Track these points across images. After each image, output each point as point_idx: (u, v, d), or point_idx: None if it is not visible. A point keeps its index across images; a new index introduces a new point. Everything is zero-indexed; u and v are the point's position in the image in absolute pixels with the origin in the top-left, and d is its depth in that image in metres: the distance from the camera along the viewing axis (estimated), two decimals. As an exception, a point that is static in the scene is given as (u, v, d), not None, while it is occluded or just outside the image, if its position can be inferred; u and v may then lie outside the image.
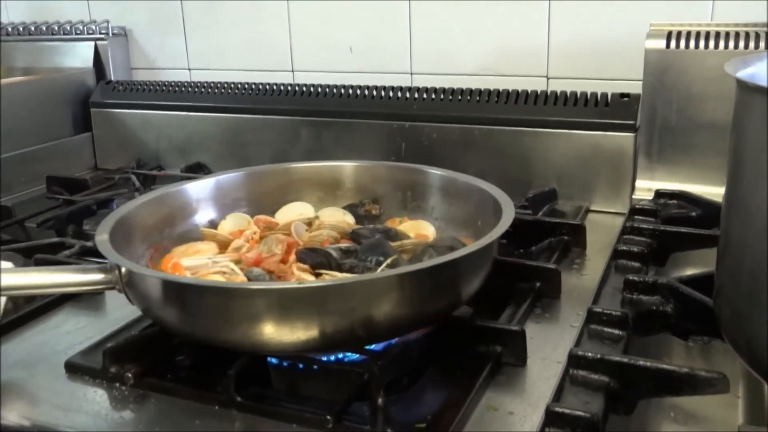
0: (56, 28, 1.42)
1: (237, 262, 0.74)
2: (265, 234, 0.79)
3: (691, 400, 0.61)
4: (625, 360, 0.55)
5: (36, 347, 0.74)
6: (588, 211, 1.06)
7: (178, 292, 0.60)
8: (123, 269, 0.62)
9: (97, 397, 0.65)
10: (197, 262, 0.74)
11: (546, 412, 0.51)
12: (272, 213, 0.86)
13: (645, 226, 0.83)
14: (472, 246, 0.63)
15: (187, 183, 0.84)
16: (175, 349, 0.69)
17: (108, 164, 1.38)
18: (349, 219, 0.84)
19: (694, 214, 0.90)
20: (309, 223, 0.81)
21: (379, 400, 0.57)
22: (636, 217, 0.90)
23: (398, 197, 0.87)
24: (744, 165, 0.50)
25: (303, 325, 0.58)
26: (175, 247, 0.78)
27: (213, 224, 0.85)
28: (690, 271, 0.75)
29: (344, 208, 0.86)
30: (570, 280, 0.84)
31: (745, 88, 0.49)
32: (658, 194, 0.97)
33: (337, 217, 0.83)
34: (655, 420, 0.59)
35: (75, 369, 0.68)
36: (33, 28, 1.44)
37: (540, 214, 1.00)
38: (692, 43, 0.96)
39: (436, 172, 0.85)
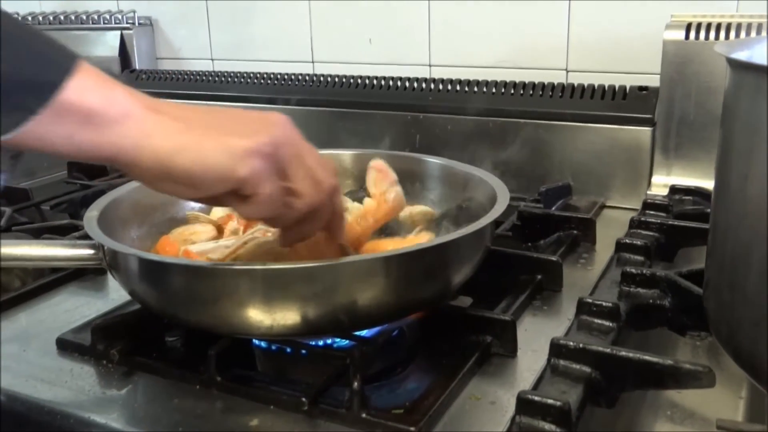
0: (85, 17, 1.44)
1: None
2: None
3: (691, 399, 0.59)
4: (607, 350, 0.53)
5: (33, 324, 0.75)
6: (603, 206, 1.03)
7: (153, 270, 0.60)
8: (106, 247, 0.62)
9: (83, 373, 0.65)
10: (206, 247, 0.73)
11: (517, 399, 0.50)
12: None
13: (653, 220, 0.81)
14: (458, 232, 0.62)
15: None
16: (165, 329, 0.69)
17: (130, 152, 1.40)
18: (350, 205, 0.82)
19: (708, 210, 0.87)
20: None
21: (355, 384, 0.56)
22: (647, 211, 0.87)
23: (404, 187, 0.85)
24: (732, 149, 0.47)
25: (273, 308, 0.57)
26: (172, 229, 0.78)
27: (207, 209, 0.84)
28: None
29: (345, 195, 0.85)
30: (575, 273, 0.82)
31: (737, 66, 0.47)
32: (674, 190, 0.94)
33: None
34: (651, 418, 0.57)
35: (66, 345, 0.69)
36: (63, 18, 1.46)
37: (553, 208, 0.98)
38: (712, 35, 0.93)
39: (434, 161, 0.83)
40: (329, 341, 0.66)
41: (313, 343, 0.66)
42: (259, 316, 0.57)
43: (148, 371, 0.64)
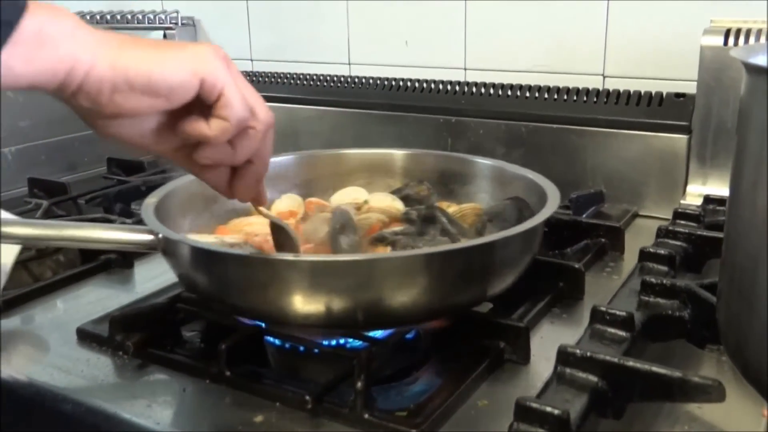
0: (130, 17, 1.47)
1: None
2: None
3: (712, 414, 0.57)
4: (615, 360, 0.52)
5: (57, 313, 0.77)
6: (636, 215, 1.01)
7: (198, 258, 0.62)
8: (160, 235, 0.64)
9: (99, 363, 0.66)
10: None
11: (515, 406, 0.49)
12: (323, 196, 0.87)
13: (681, 230, 0.79)
14: (502, 233, 0.61)
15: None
16: (182, 323, 0.70)
17: (169, 150, 1.43)
18: (398, 204, 0.83)
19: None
20: (358, 208, 0.81)
21: (359, 384, 0.56)
22: (678, 221, 0.85)
23: (446, 187, 0.86)
24: (745, 156, 0.46)
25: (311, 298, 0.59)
26: (231, 219, 0.81)
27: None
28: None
29: (392, 192, 0.86)
30: (599, 282, 0.80)
31: (752, 70, 0.46)
32: (708, 200, 0.91)
33: (386, 203, 0.82)
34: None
35: (85, 336, 0.70)
36: (109, 17, 1.50)
37: (584, 216, 0.96)
38: (752, 41, 0.90)
39: (485, 162, 0.84)
40: (342, 341, 0.66)
41: (326, 342, 0.66)
42: (298, 305, 0.59)
43: (162, 364, 0.65)
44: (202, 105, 0.54)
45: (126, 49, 0.51)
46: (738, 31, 0.91)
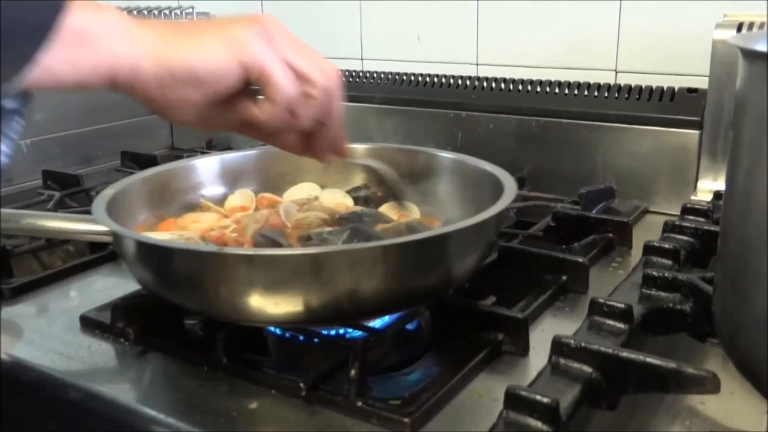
0: (146, 12, 1.48)
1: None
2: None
3: (715, 410, 0.57)
4: (608, 351, 0.51)
5: (63, 300, 0.78)
6: (646, 211, 1.00)
7: (140, 249, 0.61)
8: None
9: (100, 349, 0.67)
10: (166, 237, 0.73)
11: (505, 394, 0.48)
12: (280, 192, 0.85)
13: (687, 224, 0.78)
14: (459, 224, 0.60)
15: (203, 158, 0.85)
16: (184, 312, 0.70)
17: (183, 144, 1.43)
18: (348, 202, 0.81)
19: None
20: (302, 205, 0.79)
21: (353, 372, 0.56)
22: (686, 216, 0.84)
23: (411, 181, 0.83)
24: (741, 145, 0.45)
25: (265, 295, 0.57)
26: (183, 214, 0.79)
27: (223, 198, 0.84)
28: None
29: (349, 190, 0.83)
30: (604, 276, 0.80)
31: (749, 56, 0.45)
32: (717, 195, 0.90)
33: (336, 200, 0.80)
34: (665, 426, 0.55)
35: (88, 323, 0.71)
36: (126, 12, 1.51)
37: (594, 211, 0.96)
38: (765, 34, 0.89)
39: (446, 155, 0.82)
40: (341, 331, 0.66)
41: (325, 332, 0.66)
42: (254, 302, 0.57)
43: (161, 351, 0.66)
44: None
45: (167, 42, 0.50)
46: (751, 25, 0.90)
